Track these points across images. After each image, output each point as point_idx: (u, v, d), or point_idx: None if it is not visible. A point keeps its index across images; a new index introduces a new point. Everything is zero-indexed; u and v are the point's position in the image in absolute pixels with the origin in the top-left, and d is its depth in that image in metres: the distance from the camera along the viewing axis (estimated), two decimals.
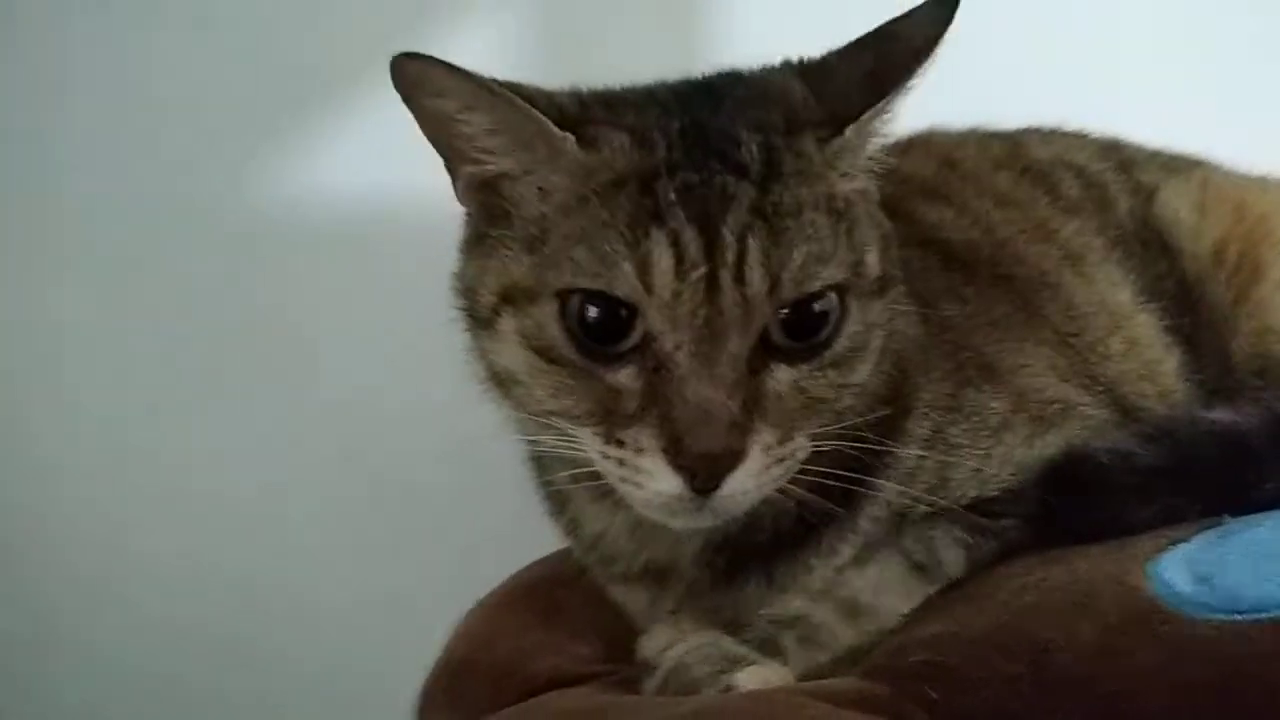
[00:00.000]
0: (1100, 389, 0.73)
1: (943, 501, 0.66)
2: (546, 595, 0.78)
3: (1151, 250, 0.83)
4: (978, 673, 0.52)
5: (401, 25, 1.15)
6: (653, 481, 0.54)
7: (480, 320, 0.61)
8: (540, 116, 0.57)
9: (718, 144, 0.57)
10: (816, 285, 0.56)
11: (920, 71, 0.60)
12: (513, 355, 0.59)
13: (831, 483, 0.61)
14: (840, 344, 0.57)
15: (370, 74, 0.62)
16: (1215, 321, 0.81)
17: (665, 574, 0.68)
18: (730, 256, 0.54)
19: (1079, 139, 0.92)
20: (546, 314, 0.57)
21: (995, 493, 0.67)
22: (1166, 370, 0.78)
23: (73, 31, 1.17)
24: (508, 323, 0.59)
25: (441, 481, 1.13)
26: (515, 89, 0.58)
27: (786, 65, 0.64)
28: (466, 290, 0.63)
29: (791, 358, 0.56)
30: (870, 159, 0.63)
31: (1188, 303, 0.81)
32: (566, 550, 0.77)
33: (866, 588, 0.64)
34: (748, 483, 0.54)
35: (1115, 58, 1.18)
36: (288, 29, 1.14)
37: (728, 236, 0.54)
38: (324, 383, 1.18)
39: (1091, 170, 0.88)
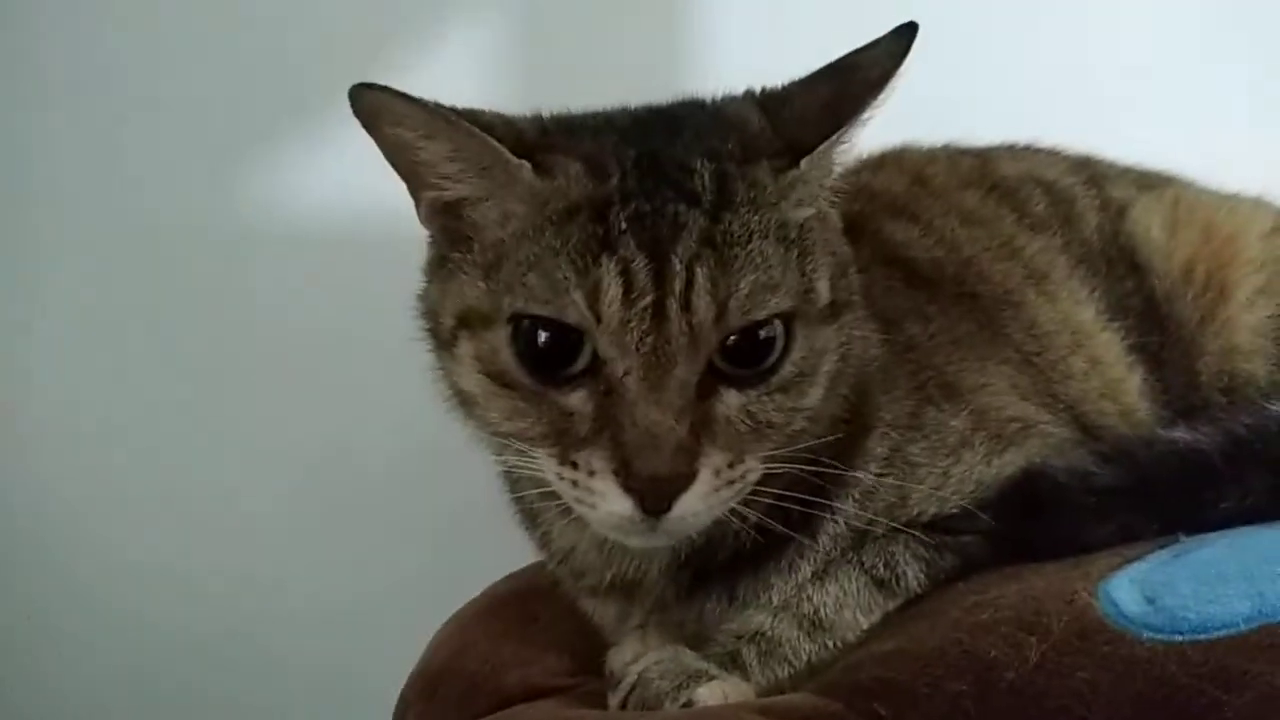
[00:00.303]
0: (1061, 407, 0.74)
1: (902, 520, 0.67)
2: (520, 608, 0.79)
3: (1118, 268, 0.84)
4: (925, 689, 0.53)
5: (393, 33, 1.17)
6: (605, 503, 0.56)
7: (442, 342, 0.63)
8: (495, 144, 0.59)
9: (672, 173, 0.58)
10: (762, 314, 0.56)
11: (875, 104, 0.61)
12: (470, 378, 0.60)
13: (790, 505, 0.63)
14: (787, 369, 0.58)
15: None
16: (1183, 339, 0.82)
17: (633, 588, 0.69)
18: (678, 285, 0.55)
19: (1051, 155, 0.93)
20: (500, 338, 0.58)
21: (954, 510, 0.67)
22: (1129, 389, 0.78)
23: (74, 34, 1.19)
24: (465, 346, 0.60)
25: (429, 487, 1.14)
26: (472, 116, 0.59)
27: (748, 94, 0.65)
28: (429, 312, 0.64)
29: (740, 383, 0.57)
30: (826, 187, 0.64)
31: (1155, 320, 0.82)
32: (541, 563, 0.79)
33: (828, 603, 0.65)
34: (697, 504, 0.56)
35: (1091, 73, 1.18)
36: (284, 35, 1.17)
37: (676, 265, 0.55)
38: (317, 384, 1.20)
39: (1060, 186, 0.89)
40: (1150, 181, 0.92)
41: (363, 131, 0.62)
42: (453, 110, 0.59)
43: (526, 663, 0.73)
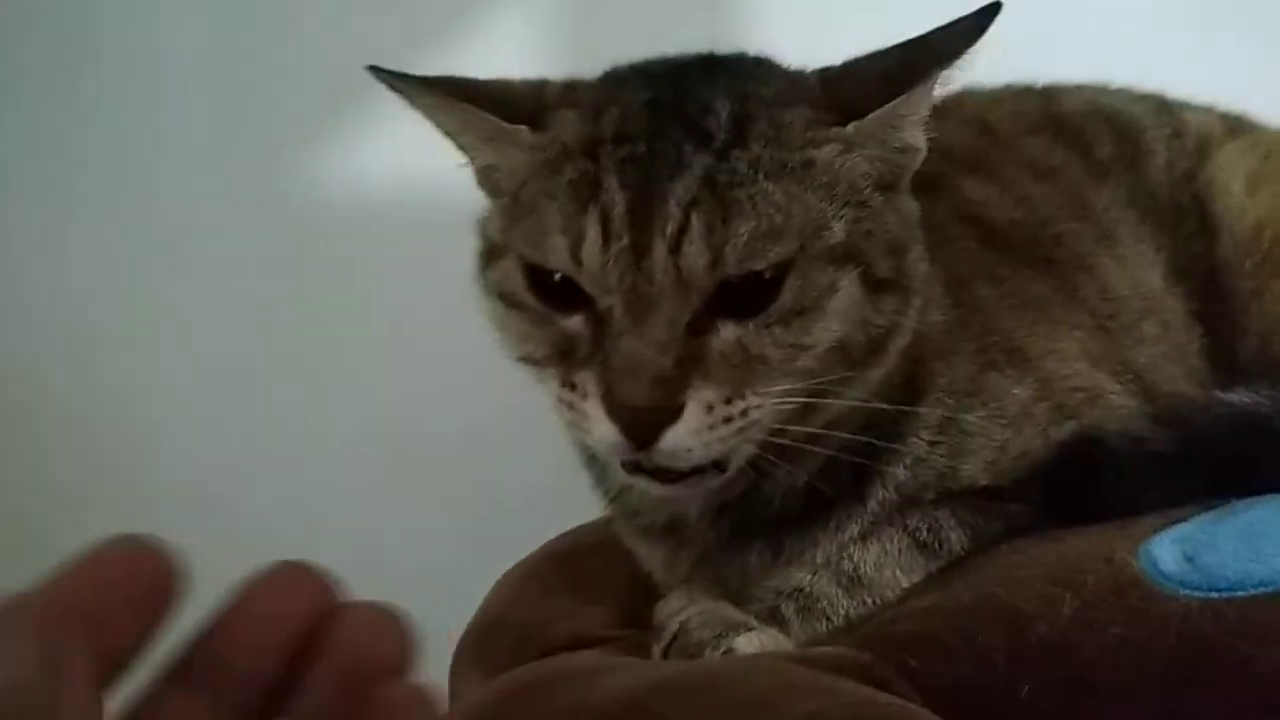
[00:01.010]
0: (1130, 376, 0.72)
1: (952, 489, 0.66)
2: (572, 564, 0.81)
3: (1187, 223, 0.80)
4: (957, 643, 0.53)
5: (443, 18, 1.20)
6: (594, 426, 0.56)
7: (479, 276, 0.65)
8: (487, 115, 0.60)
9: (690, 113, 0.58)
10: (761, 264, 0.55)
11: (942, 77, 0.59)
12: (491, 305, 0.63)
13: (840, 468, 0.63)
14: (785, 299, 0.56)
15: (413, 65, 0.66)
16: (1230, 314, 0.78)
17: (679, 531, 0.69)
18: (670, 227, 0.54)
19: (1124, 90, 0.88)
20: (510, 265, 0.60)
21: (1005, 482, 0.66)
22: (1192, 351, 0.76)
23: (150, 24, 1.24)
24: (489, 275, 0.63)
25: (491, 452, 1.17)
26: (467, 89, 0.62)
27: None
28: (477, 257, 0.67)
29: (738, 316, 0.56)
30: (883, 159, 0.61)
31: (1215, 289, 0.79)
32: (593, 523, 0.81)
33: (868, 561, 0.65)
34: (688, 440, 0.55)
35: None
36: (342, 16, 1.20)
37: (671, 207, 0.54)
38: (385, 353, 1.24)
39: (1127, 116, 0.84)
40: (1239, 125, 0.86)
41: (413, 118, 0.64)
42: (448, 84, 0.62)
43: (575, 615, 0.74)
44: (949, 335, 0.67)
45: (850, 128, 0.59)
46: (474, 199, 0.68)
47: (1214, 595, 0.51)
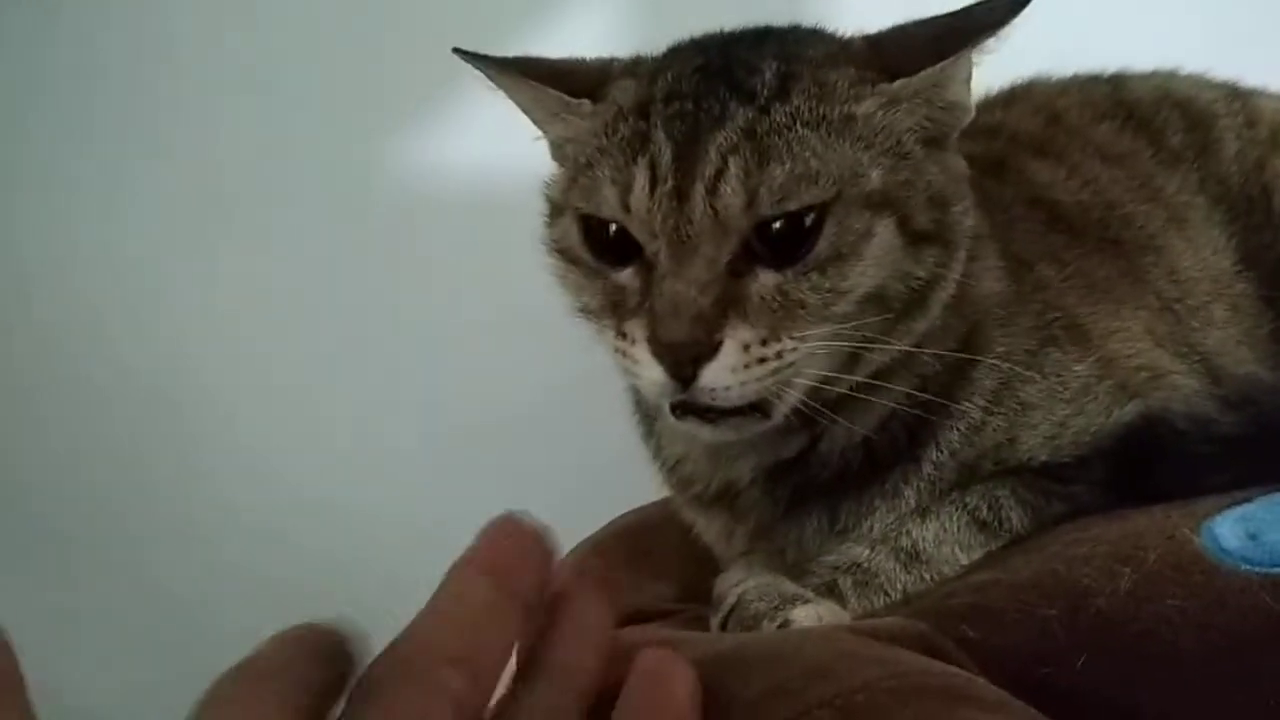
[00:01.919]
0: (1197, 358, 0.72)
1: (1010, 464, 0.66)
2: (635, 540, 0.82)
3: (1256, 213, 0.80)
4: (1014, 614, 0.53)
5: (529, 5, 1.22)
6: (643, 369, 0.59)
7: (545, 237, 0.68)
8: (552, 92, 0.65)
9: (737, 74, 0.61)
10: (794, 205, 0.57)
11: (986, 43, 0.60)
12: (553, 261, 0.66)
13: (895, 428, 0.65)
14: (821, 247, 0.58)
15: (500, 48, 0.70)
16: None
17: (735, 500, 0.70)
18: (709, 171, 0.57)
19: (1195, 78, 0.88)
20: (568, 223, 0.64)
21: (1067, 459, 0.66)
22: (1263, 335, 0.75)
23: (244, 17, 1.29)
24: (550, 234, 0.67)
25: (558, 431, 1.19)
26: (536, 68, 0.66)
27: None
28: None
29: (776, 264, 0.58)
30: (930, 119, 0.63)
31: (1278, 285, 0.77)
32: (658, 501, 0.82)
33: (927, 538, 0.65)
34: (726, 377, 0.57)
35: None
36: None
37: (711, 154, 0.57)
38: (458, 335, 1.27)
39: (1199, 103, 0.84)
40: None
41: (497, 104, 0.69)
42: (520, 63, 0.66)
43: (637, 589, 0.76)
44: (1008, 308, 0.68)
45: (896, 84, 0.61)
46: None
47: (1275, 571, 0.51)
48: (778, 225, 0.58)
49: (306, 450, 1.32)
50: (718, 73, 0.61)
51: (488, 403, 1.26)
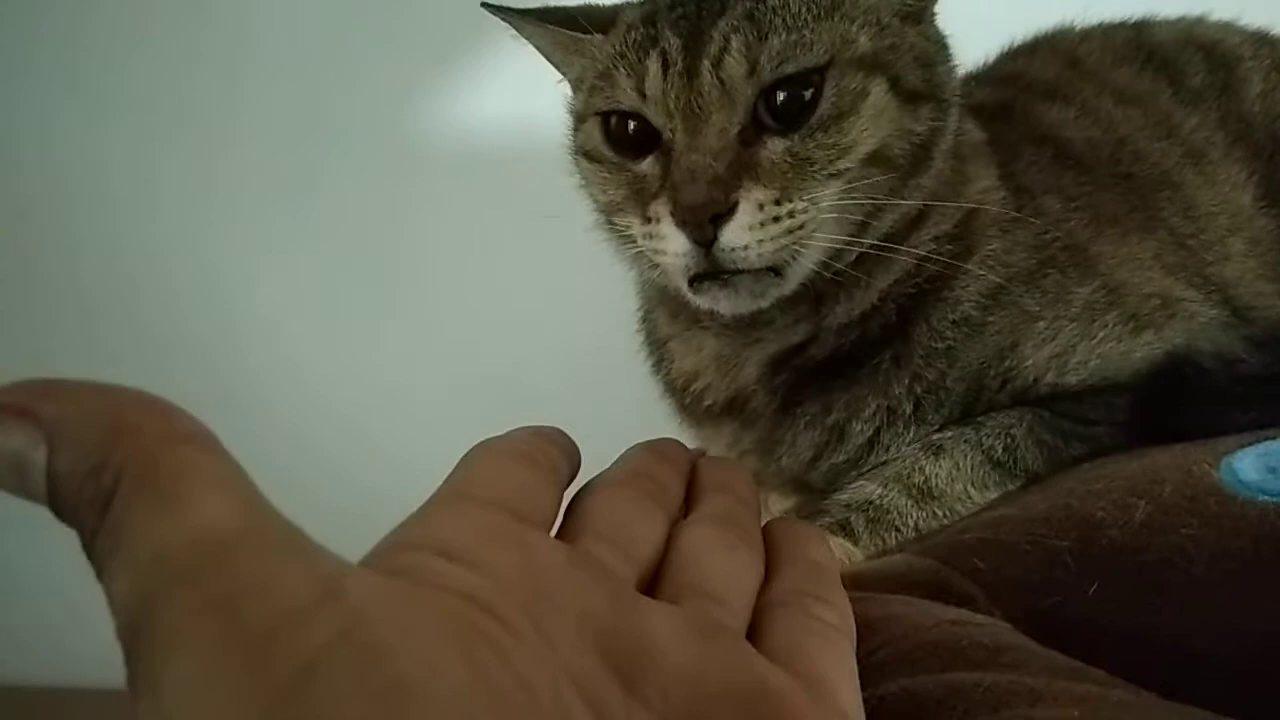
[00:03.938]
0: (1213, 289, 0.71)
1: (1014, 377, 0.66)
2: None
3: None
4: (1026, 546, 0.53)
5: None
6: (668, 244, 0.62)
7: (573, 150, 0.72)
8: (566, 32, 0.69)
9: None
10: (792, 68, 0.61)
11: None
12: (579, 165, 0.70)
13: (887, 305, 0.67)
14: (824, 108, 0.62)
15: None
16: None
17: (742, 407, 0.72)
18: (714, 49, 0.61)
19: (1221, 23, 0.88)
20: (591, 126, 0.68)
21: (1075, 384, 0.66)
22: None
23: None
24: (575, 140, 0.71)
25: (590, 395, 1.19)
26: (553, 13, 0.70)
27: None
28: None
29: (784, 130, 0.62)
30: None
31: None
32: None
33: (940, 475, 0.65)
34: (744, 235, 0.60)
35: None
36: None
37: (715, 36, 0.62)
38: (488, 294, 1.28)
39: (1223, 47, 0.84)
40: None
41: (522, 60, 0.76)
42: (539, 11, 0.71)
43: None
44: (1009, 219, 0.69)
45: None
46: None
47: None
48: (781, 97, 0.62)
49: (340, 402, 1.33)
50: None
51: (519, 357, 1.27)
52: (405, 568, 0.33)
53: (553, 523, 0.42)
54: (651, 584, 0.41)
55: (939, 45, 0.69)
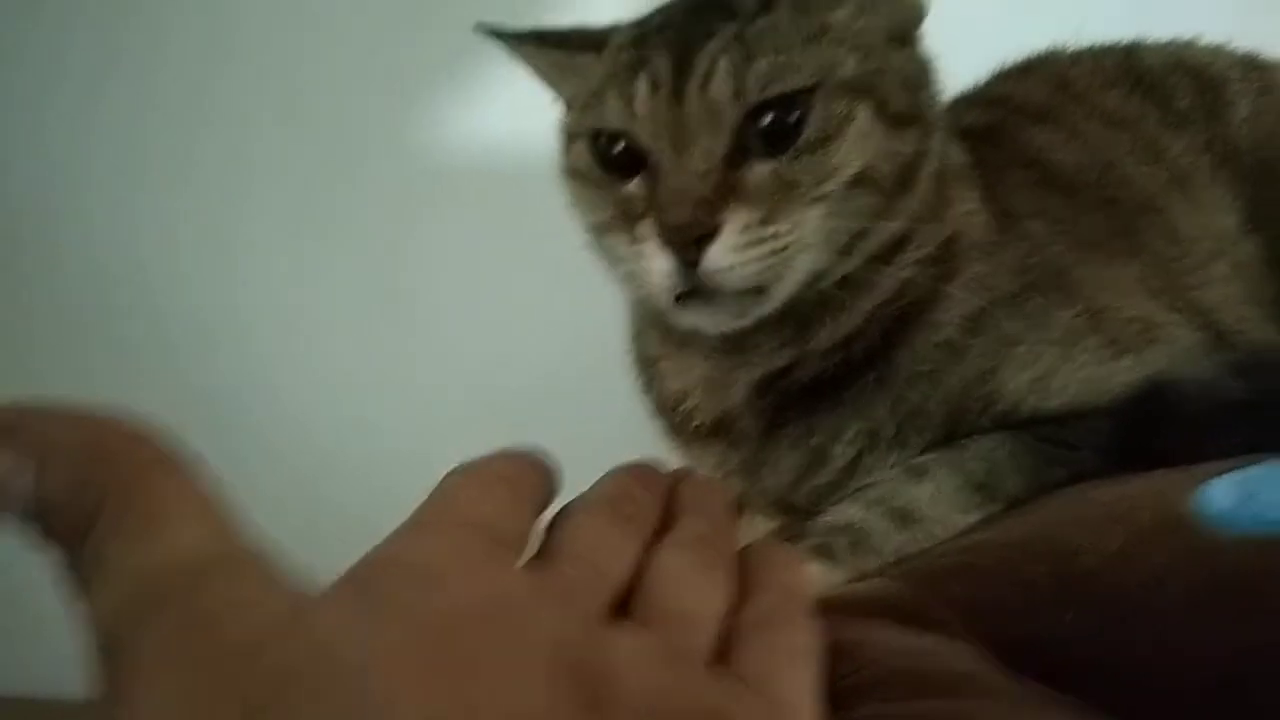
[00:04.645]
0: (1196, 312, 0.71)
1: (995, 401, 0.66)
2: None
3: (1269, 177, 0.78)
4: (1003, 571, 0.53)
5: None
6: (654, 264, 0.62)
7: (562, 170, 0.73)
8: (559, 53, 0.70)
9: (723, 1, 0.65)
10: (777, 90, 0.62)
11: None
12: (568, 184, 0.71)
13: (871, 328, 0.67)
14: (809, 132, 0.62)
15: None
16: None
17: (730, 426, 0.72)
18: (700, 71, 0.62)
19: (1212, 47, 0.88)
20: (580, 146, 0.68)
21: (1056, 408, 0.66)
22: (1269, 296, 0.74)
23: None
24: (565, 160, 0.71)
25: (588, 401, 1.20)
26: (546, 36, 0.71)
27: None
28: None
29: (770, 153, 0.62)
30: (890, 9, 0.67)
31: None
32: None
33: (923, 498, 0.64)
34: (728, 256, 0.61)
35: None
36: None
37: (703, 59, 0.62)
38: (485, 304, 1.29)
39: (1212, 70, 0.84)
40: None
41: (520, 79, 0.76)
42: (533, 34, 0.72)
43: None
44: (992, 242, 0.69)
45: None
46: None
47: (1261, 529, 0.50)
48: (769, 119, 0.62)
49: (340, 412, 1.34)
50: (707, 4, 0.66)
51: (513, 371, 1.27)
52: (377, 590, 0.33)
53: (525, 545, 0.42)
54: (624, 607, 0.42)
55: (925, 68, 0.69)
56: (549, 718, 0.33)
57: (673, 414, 0.76)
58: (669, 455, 0.80)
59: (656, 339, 0.76)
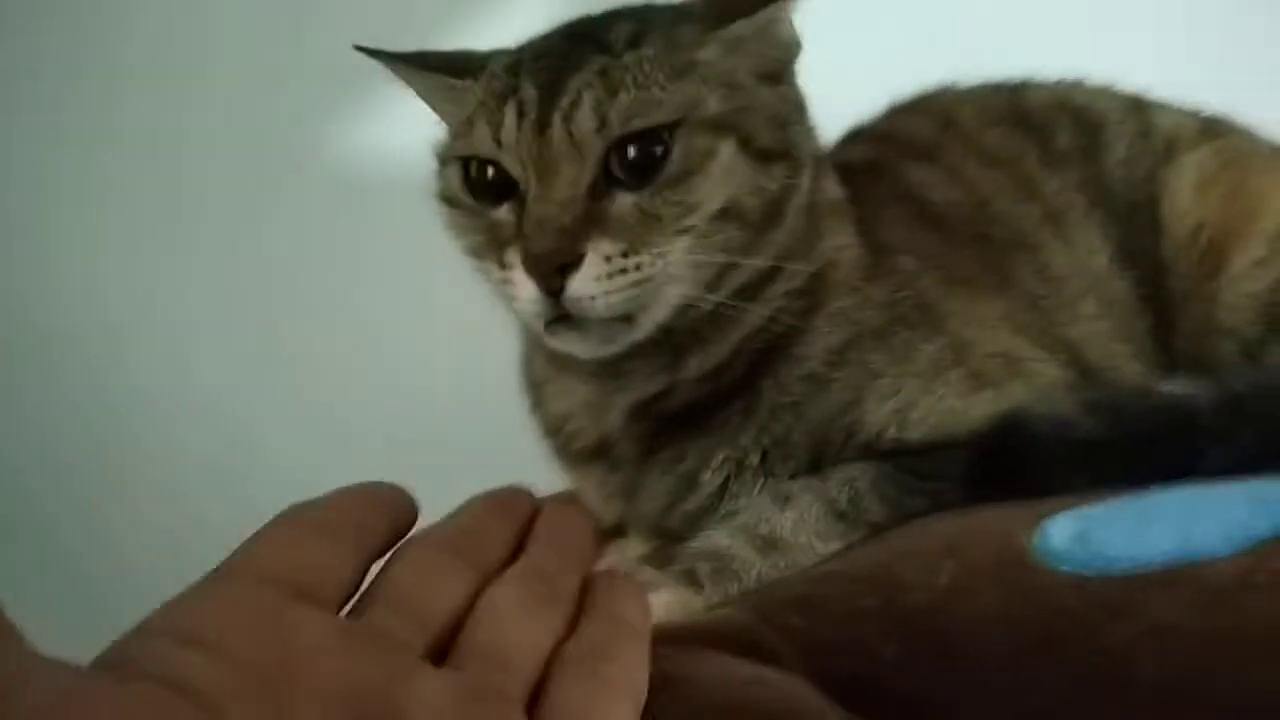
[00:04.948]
0: (1061, 348, 0.73)
1: (857, 431, 0.67)
2: None
3: (1140, 217, 0.81)
4: (838, 605, 0.54)
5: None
6: (520, 290, 0.64)
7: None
8: (442, 77, 0.70)
9: (598, 34, 0.67)
10: (640, 124, 0.63)
11: None
12: (441, 209, 0.71)
13: (736, 360, 0.69)
14: (671, 168, 0.63)
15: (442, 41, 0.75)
16: (1166, 318, 0.79)
17: (611, 451, 0.74)
18: (565, 103, 0.63)
19: (1099, 87, 0.90)
20: (451, 171, 0.69)
21: (917, 439, 0.67)
22: (1140, 331, 0.77)
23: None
24: (438, 184, 0.71)
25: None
26: (427, 59, 0.72)
27: None
28: None
29: (633, 186, 0.63)
30: (759, 48, 0.68)
31: (1158, 286, 0.79)
32: None
33: (785, 525, 0.66)
34: (591, 286, 0.62)
35: None
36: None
37: (569, 89, 0.63)
38: (419, 320, 1.28)
39: (1093, 111, 0.86)
40: (1219, 130, 0.86)
41: None
42: (413, 56, 0.72)
43: None
44: (861, 276, 0.71)
45: (734, 26, 0.67)
46: None
47: (1091, 572, 0.51)
48: (632, 153, 0.63)
49: (228, 429, 1.32)
50: (581, 35, 0.68)
51: (456, 389, 1.26)
52: (130, 658, 0.33)
53: (347, 593, 0.42)
54: (449, 645, 0.42)
55: (795, 105, 0.70)
56: None
57: (557, 436, 0.77)
58: (556, 478, 0.81)
59: (542, 361, 0.77)
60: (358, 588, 0.42)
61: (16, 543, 1.26)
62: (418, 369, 1.28)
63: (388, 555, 0.45)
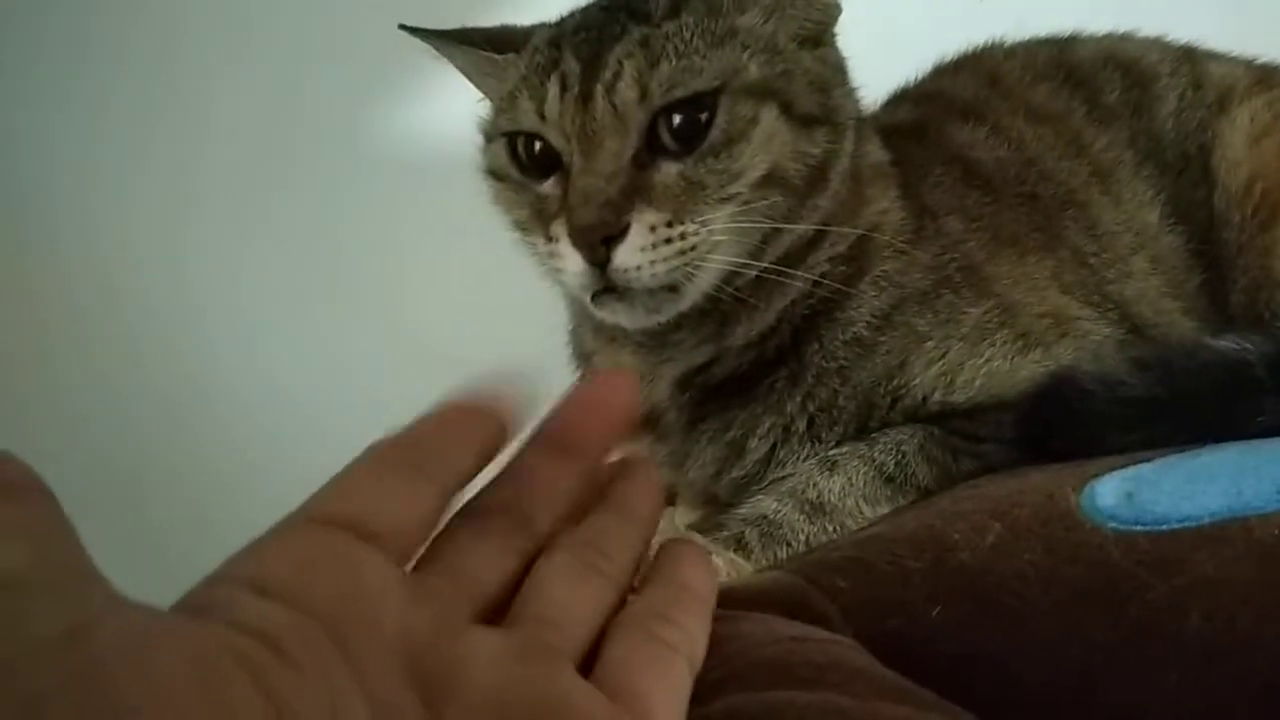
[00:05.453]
0: (1111, 306, 0.72)
1: (904, 395, 0.67)
2: None
3: (1192, 170, 0.80)
4: (884, 566, 0.54)
5: None
6: (566, 263, 0.64)
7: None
8: (479, 52, 0.71)
9: (633, 3, 0.67)
10: (681, 93, 0.63)
11: None
12: (488, 183, 0.72)
13: (783, 326, 0.69)
14: (715, 134, 0.64)
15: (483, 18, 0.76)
16: (1221, 272, 0.77)
17: (658, 421, 0.74)
18: (608, 75, 0.63)
19: (1149, 39, 0.88)
20: (498, 146, 0.70)
21: (963, 401, 0.67)
22: (1191, 288, 0.76)
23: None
24: (484, 159, 0.73)
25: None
26: (469, 35, 0.72)
27: None
28: None
29: (678, 155, 0.64)
30: (800, 13, 0.69)
31: (1210, 241, 0.78)
32: None
33: (833, 490, 0.66)
34: (636, 256, 0.62)
35: None
36: None
37: (610, 61, 0.63)
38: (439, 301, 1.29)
39: (1144, 64, 0.85)
40: (1273, 80, 0.84)
41: None
42: (456, 33, 0.73)
43: None
44: (906, 240, 0.70)
45: None
46: None
47: (1137, 529, 0.51)
48: (677, 120, 0.63)
49: (309, 424, 1.34)
50: (620, 6, 0.67)
51: (471, 358, 1.28)
52: (204, 605, 0.34)
53: (425, 532, 0.42)
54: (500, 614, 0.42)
55: (836, 69, 0.70)
56: (380, 716, 0.34)
57: None
58: None
59: (590, 333, 0.78)
60: (435, 525, 0.42)
61: (102, 516, 1.31)
62: (466, 344, 1.30)
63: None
